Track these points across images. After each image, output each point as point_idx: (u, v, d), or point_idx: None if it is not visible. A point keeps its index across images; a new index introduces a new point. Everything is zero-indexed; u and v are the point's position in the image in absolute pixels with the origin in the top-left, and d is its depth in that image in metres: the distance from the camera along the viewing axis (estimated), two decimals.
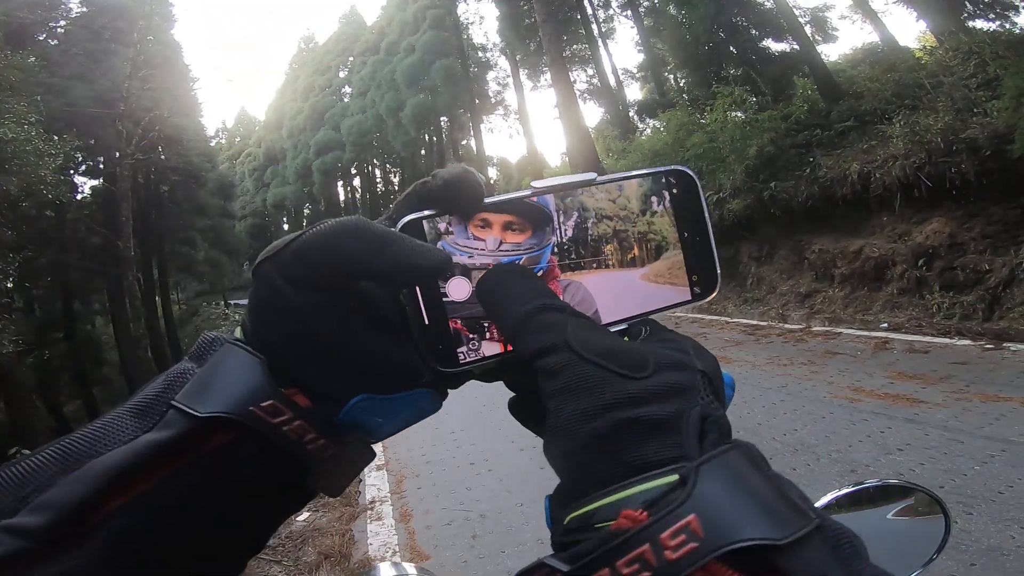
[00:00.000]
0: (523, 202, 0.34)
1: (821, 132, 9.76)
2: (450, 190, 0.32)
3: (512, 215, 0.34)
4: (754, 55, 14.13)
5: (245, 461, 0.27)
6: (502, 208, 0.33)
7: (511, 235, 0.34)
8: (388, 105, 30.78)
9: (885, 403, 4.54)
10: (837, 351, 6.42)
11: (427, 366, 0.32)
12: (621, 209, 0.38)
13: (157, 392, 0.28)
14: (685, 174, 0.38)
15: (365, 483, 4.49)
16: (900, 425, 4.06)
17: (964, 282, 6.83)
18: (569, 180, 0.36)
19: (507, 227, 0.33)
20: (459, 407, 6.19)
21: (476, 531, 3.45)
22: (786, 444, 4.00)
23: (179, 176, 19.30)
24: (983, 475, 3.20)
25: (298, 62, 45.58)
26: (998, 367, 5.11)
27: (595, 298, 0.36)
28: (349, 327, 0.29)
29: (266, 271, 0.29)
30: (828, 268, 8.69)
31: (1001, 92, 6.94)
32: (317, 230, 0.29)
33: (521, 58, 26.62)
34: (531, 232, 0.34)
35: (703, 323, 9.51)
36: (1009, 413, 4.00)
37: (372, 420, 0.30)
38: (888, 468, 3.44)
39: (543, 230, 0.34)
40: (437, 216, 0.32)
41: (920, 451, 3.62)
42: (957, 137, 7.24)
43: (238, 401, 0.27)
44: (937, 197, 7.48)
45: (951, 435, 3.78)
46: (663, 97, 19.53)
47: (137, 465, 0.25)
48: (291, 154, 39.85)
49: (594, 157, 16.03)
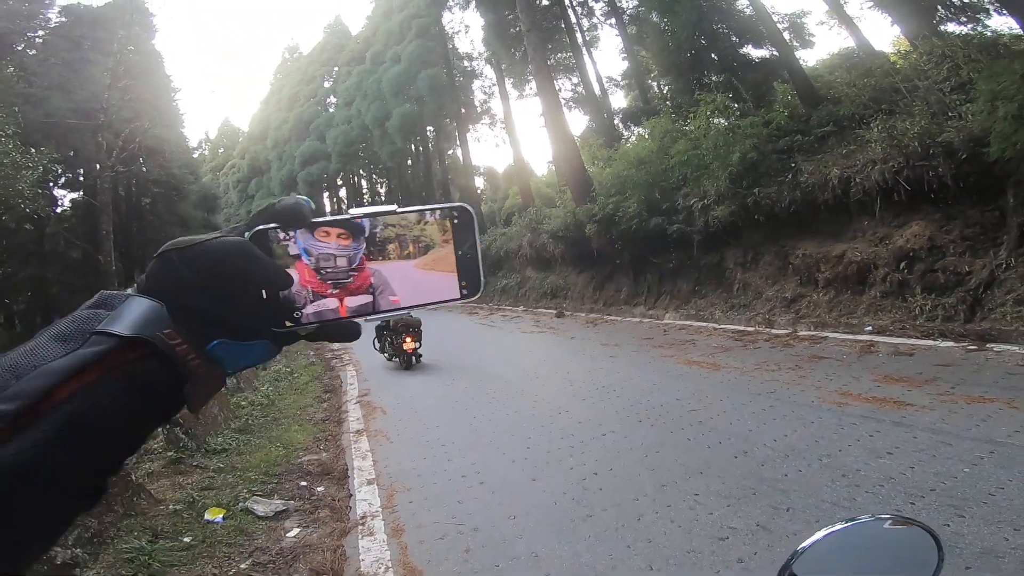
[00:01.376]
0: (347, 220, 0.50)
1: (802, 137, 9.89)
2: (285, 212, 0.48)
3: (339, 228, 0.50)
4: (735, 61, 14.36)
5: (152, 371, 0.40)
6: (330, 223, 0.50)
7: (341, 239, 0.50)
8: (374, 115, 30.69)
9: (873, 406, 4.57)
10: (823, 355, 6.49)
11: (264, 326, 0.47)
12: (406, 222, 0.54)
13: (75, 325, 0.40)
14: (466, 209, 0.56)
15: (356, 498, 4.40)
16: (888, 428, 4.08)
17: (945, 284, 6.95)
18: (377, 209, 0.52)
19: (339, 235, 0.50)
20: (449, 419, 6.15)
21: (469, 545, 3.40)
22: (776, 450, 4.01)
23: (161, 188, 19.05)
24: (973, 477, 3.21)
25: (283, 72, 45.31)
26: (982, 368, 5.18)
27: (388, 279, 0.52)
28: (217, 298, 0.44)
29: (172, 256, 0.43)
30: (812, 273, 8.80)
31: (975, 96, 7.07)
32: (217, 243, 0.44)
33: (506, 67, 26.78)
34: (352, 238, 0.51)
35: (692, 330, 9.57)
36: (995, 414, 4.04)
37: (227, 357, 0.45)
38: (878, 472, 3.44)
39: (359, 237, 0.51)
40: (278, 229, 0.48)
41: (909, 454, 3.63)
42: (934, 141, 7.38)
43: (148, 328, 0.40)
44: (916, 201, 7.61)
45: (939, 437, 3.80)
46: (647, 104, 19.75)
47: (83, 366, 0.37)
48: (276, 165, 39.48)
49: (580, 166, 16.13)
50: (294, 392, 8.68)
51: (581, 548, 3.13)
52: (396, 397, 7.63)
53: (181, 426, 5.46)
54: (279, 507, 4.23)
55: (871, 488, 3.26)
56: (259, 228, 0.47)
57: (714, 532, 3.07)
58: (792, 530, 2.95)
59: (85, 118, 14.35)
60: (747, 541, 2.94)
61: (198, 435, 5.62)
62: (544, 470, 4.32)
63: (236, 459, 5.44)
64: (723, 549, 2.91)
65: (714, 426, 4.68)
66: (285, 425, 6.68)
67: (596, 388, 6.51)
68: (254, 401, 7.71)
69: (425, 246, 0.54)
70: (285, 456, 5.48)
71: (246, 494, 4.46)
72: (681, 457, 4.15)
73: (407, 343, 9.30)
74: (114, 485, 3.80)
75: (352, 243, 0.51)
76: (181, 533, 3.87)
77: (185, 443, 5.44)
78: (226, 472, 5.06)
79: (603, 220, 13.02)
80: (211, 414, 6.09)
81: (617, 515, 3.42)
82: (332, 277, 0.50)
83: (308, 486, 4.70)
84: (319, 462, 5.27)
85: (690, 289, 11.41)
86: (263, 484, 4.74)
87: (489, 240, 22.01)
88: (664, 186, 11.72)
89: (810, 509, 3.14)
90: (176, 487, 4.73)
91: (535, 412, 5.90)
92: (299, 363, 11.43)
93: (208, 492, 4.57)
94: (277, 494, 4.55)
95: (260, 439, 6.09)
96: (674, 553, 2.94)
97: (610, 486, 3.85)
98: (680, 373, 6.72)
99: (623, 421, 5.18)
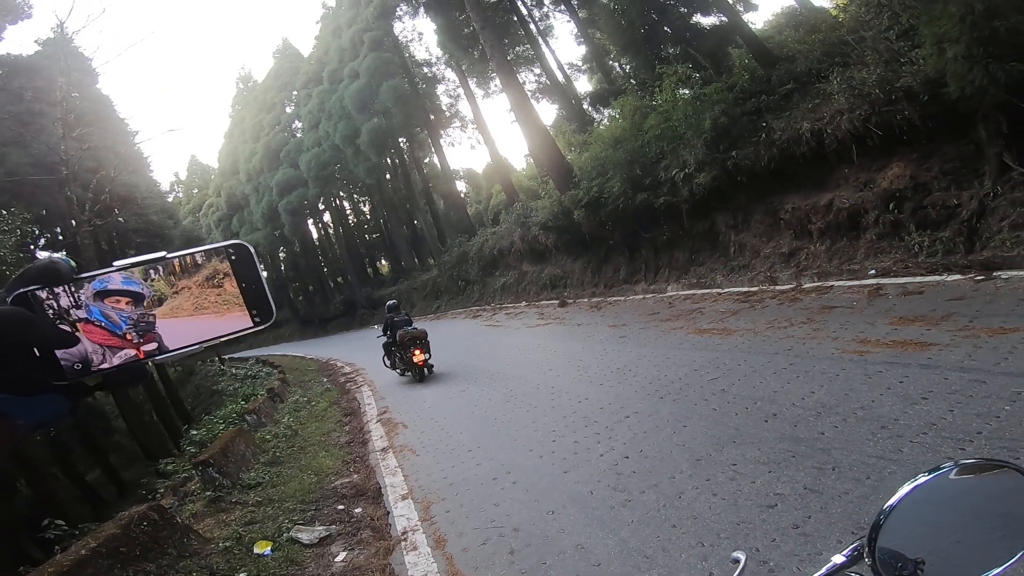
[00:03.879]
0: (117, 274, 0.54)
1: (767, 97, 9.94)
2: (42, 272, 0.51)
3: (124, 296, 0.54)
4: (688, 32, 14.40)
5: None
6: (93, 277, 0.53)
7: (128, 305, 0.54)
8: (343, 134, 30.44)
9: (895, 351, 4.48)
10: (833, 304, 6.46)
11: (45, 381, 0.49)
12: (182, 276, 0.57)
13: None
14: (242, 245, 0.60)
15: (394, 514, 4.38)
16: (916, 372, 3.98)
17: (938, 219, 6.96)
18: (145, 258, 0.55)
19: (126, 302, 0.54)
20: (470, 424, 6.10)
21: (513, 546, 3.36)
22: (807, 409, 3.94)
23: (142, 237, 18.87)
24: (1017, 415, 3.08)
25: (240, 102, 44.62)
26: (995, 297, 5.11)
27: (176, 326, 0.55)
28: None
29: None
30: (804, 225, 8.81)
31: (921, 41, 7.07)
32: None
33: (467, 67, 26.66)
34: (135, 303, 0.54)
35: (696, 299, 9.56)
36: (1021, 344, 3.93)
37: (14, 410, 0.48)
38: (917, 419, 3.33)
39: (141, 302, 0.54)
40: (38, 288, 0.51)
41: (944, 397, 3.51)
42: (893, 87, 7.41)
43: None
44: (890, 144, 7.64)
45: (970, 376, 3.69)
46: (612, 85, 19.73)
47: None
48: (254, 198, 38.97)
49: (557, 154, 16.08)
50: (315, 420, 8.65)
51: (626, 534, 3.09)
52: (415, 410, 7.59)
53: (212, 466, 5.57)
54: (322, 533, 4.26)
55: (914, 437, 3.15)
56: (19, 291, 0.50)
57: (761, 500, 3.01)
58: (843, 490, 2.86)
59: (47, 172, 14.12)
60: (798, 506, 2.86)
61: (231, 472, 5.71)
62: (574, 461, 4.29)
63: (272, 491, 5.45)
64: (774, 517, 2.83)
65: (738, 392, 4.63)
66: (312, 453, 6.68)
67: (611, 371, 6.48)
68: (278, 433, 7.73)
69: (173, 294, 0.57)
70: (318, 482, 5.49)
71: (288, 524, 4.50)
72: (710, 429, 4.10)
73: (416, 356, 9.25)
74: (162, 529, 3.96)
75: (136, 306, 0.55)
76: (236, 569, 3.87)
77: (220, 482, 5.52)
78: (265, 505, 5.08)
79: (590, 204, 12.98)
80: (239, 451, 6.16)
81: (656, 496, 3.38)
82: (127, 331, 0.54)
83: (346, 509, 4.71)
84: (352, 484, 5.28)
85: (687, 258, 11.40)
86: (302, 512, 4.76)
87: (480, 241, 21.98)
88: (644, 161, 11.68)
89: (856, 466, 3.04)
90: (221, 524, 4.77)
91: (555, 404, 5.86)
92: (315, 391, 11.38)
93: (252, 526, 4.60)
94: (318, 520, 4.56)
95: (291, 469, 6.11)
96: (724, 527, 2.88)
97: (643, 468, 3.81)
98: (693, 343, 6.69)
99: (644, 400, 5.15)
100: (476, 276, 22.14)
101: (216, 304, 0.58)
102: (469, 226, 28.03)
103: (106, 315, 0.53)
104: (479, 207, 36.54)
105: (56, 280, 0.51)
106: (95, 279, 0.53)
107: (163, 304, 0.56)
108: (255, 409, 8.79)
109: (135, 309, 0.54)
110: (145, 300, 0.55)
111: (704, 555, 2.71)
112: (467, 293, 22.70)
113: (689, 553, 2.76)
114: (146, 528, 3.81)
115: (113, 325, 0.53)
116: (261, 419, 8.53)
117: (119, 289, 0.54)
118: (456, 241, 24.83)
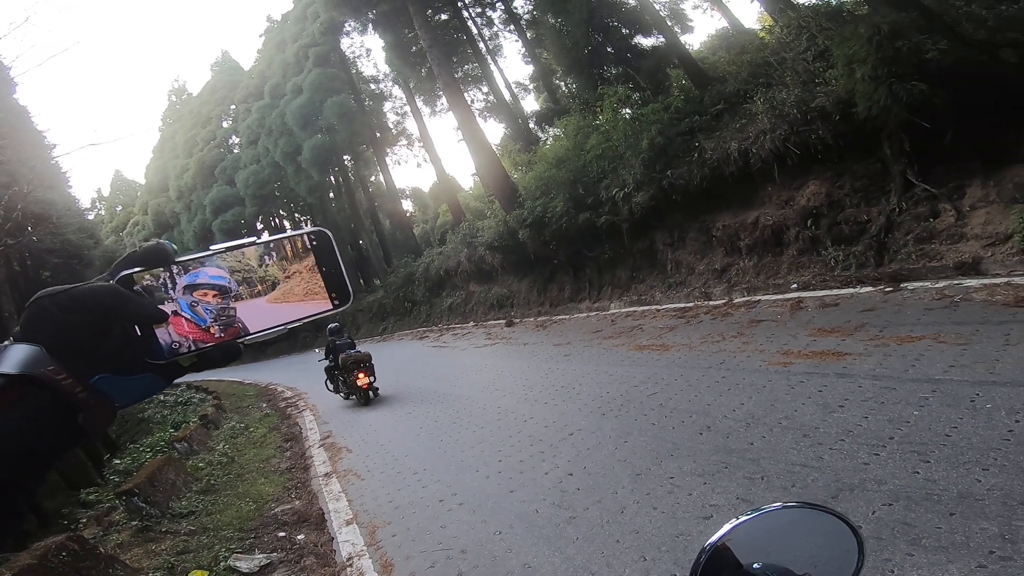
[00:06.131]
0: (210, 256, 0.55)
1: (699, 118, 10.42)
2: (146, 255, 0.52)
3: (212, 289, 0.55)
4: (629, 52, 14.98)
5: (43, 404, 0.45)
6: (193, 260, 0.54)
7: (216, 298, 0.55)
8: (283, 151, 29.61)
9: (814, 362, 4.81)
10: (760, 318, 6.86)
11: (142, 360, 0.51)
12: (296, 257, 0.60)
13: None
14: (323, 232, 0.62)
15: (338, 540, 4.25)
16: (833, 381, 4.29)
17: (850, 234, 7.54)
18: (239, 241, 0.57)
19: (213, 295, 0.55)
20: (416, 447, 6.01)
21: (461, 568, 3.35)
22: (738, 420, 4.15)
23: (59, 258, 17.48)
24: (925, 419, 3.32)
25: (172, 116, 42.62)
26: (902, 307, 5.56)
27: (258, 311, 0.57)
28: (92, 336, 0.48)
29: (45, 302, 0.47)
30: (734, 242, 9.30)
31: (833, 62, 7.65)
32: (86, 287, 0.48)
33: (415, 85, 26.63)
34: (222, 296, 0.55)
35: (637, 315, 9.86)
36: (927, 351, 4.29)
37: (112, 389, 0.49)
38: (835, 427, 3.56)
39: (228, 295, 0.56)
40: (144, 271, 0.52)
41: (859, 404, 3.78)
42: (808, 107, 7.98)
43: (32, 367, 0.45)
44: (808, 162, 8.20)
45: (882, 383, 3.98)
46: (557, 104, 20.22)
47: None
48: (185, 217, 37.08)
49: (503, 173, 16.27)
50: (253, 446, 8.27)
51: (572, 551, 3.14)
52: (359, 434, 7.41)
53: (138, 495, 5.33)
54: (263, 561, 4.09)
55: (833, 444, 3.37)
56: (124, 273, 0.51)
57: (697, 512, 3.15)
58: (771, 498, 3.00)
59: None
60: (731, 515, 2.98)
61: (159, 502, 5.48)
62: (520, 480, 4.32)
63: (206, 519, 5.19)
64: (710, 528, 2.93)
65: (675, 406, 4.82)
66: (250, 480, 6.41)
67: (556, 389, 6.58)
68: (212, 461, 7.36)
69: (272, 283, 0.59)
70: (256, 510, 5.27)
71: (225, 552, 4.30)
72: (650, 443, 4.25)
73: (360, 379, 9.04)
74: (84, 559, 3.70)
75: (224, 299, 0.56)
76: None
77: (147, 511, 5.27)
78: (199, 533, 4.84)
79: (534, 223, 13.18)
80: (168, 480, 5.88)
81: (600, 512, 3.46)
82: (211, 325, 0.55)
83: (287, 536, 4.54)
84: (293, 510, 5.09)
85: (628, 276, 11.76)
86: (240, 540, 4.57)
87: (427, 261, 21.79)
88: (586, 181, 12.01)
89: (783, 475, 3.22)
90: (150, 554, 4.50)
91: (501, 424, 5.88)
92: (253, 417, 10.87)
93: (185, 556, 4.38)
94: (258, 548, 4.38)
95: (227, 497, 5.84)
96: (663, 540, 2.99)
97: (587, 484, 3.89)
98: (633, 360, 6.91)
99: (588, 417, 5.26)
100: (423, 297, 21.90)
101: (295, 294, 0.60)
102: (416, 246, 27.78)
103: (193, 308, 0.54)
104: (426, 227, 36.34)
105: (159, 261, 0.53)
106: (196, 262, 0.55)
107: (276, 288, 0.58)
108: (186, 436, 8.32)
109: (221, 302, 0.55)
110: (232, 293, 0.56)
111: (647, 569, 2.79)
112: (414, 314, 22.39)
113: (632, 568, 2.83)
114: (65, 559, 3.54)
115: (199, 318, 0.54)
116: (193, 447, 8.10)
117: (208, 283, 0.55)
118: (402, 261, 24.52)
